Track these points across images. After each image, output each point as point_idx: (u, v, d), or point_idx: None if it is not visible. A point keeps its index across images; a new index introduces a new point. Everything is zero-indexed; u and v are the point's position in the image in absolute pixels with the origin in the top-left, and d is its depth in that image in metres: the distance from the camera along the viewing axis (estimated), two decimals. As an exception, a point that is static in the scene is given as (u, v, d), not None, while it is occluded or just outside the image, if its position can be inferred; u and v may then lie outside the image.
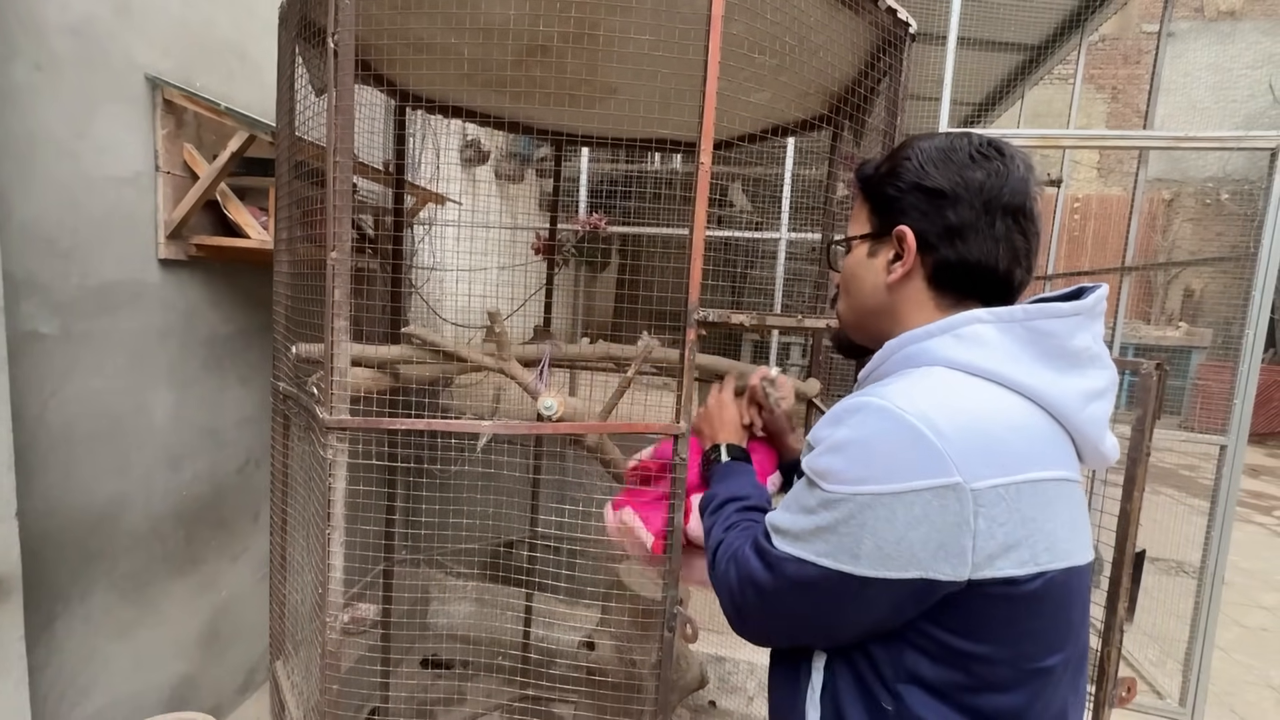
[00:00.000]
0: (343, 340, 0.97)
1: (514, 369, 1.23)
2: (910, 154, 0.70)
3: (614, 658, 1.56)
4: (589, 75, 1.55)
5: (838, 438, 0.63)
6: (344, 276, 0.96)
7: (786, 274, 2.83)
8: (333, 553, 1.00)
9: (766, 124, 1.84)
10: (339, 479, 0.99)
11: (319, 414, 1.00)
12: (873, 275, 0.73)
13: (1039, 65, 4.33)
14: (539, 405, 1.05)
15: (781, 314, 1.05)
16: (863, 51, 1.35)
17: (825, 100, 1.67)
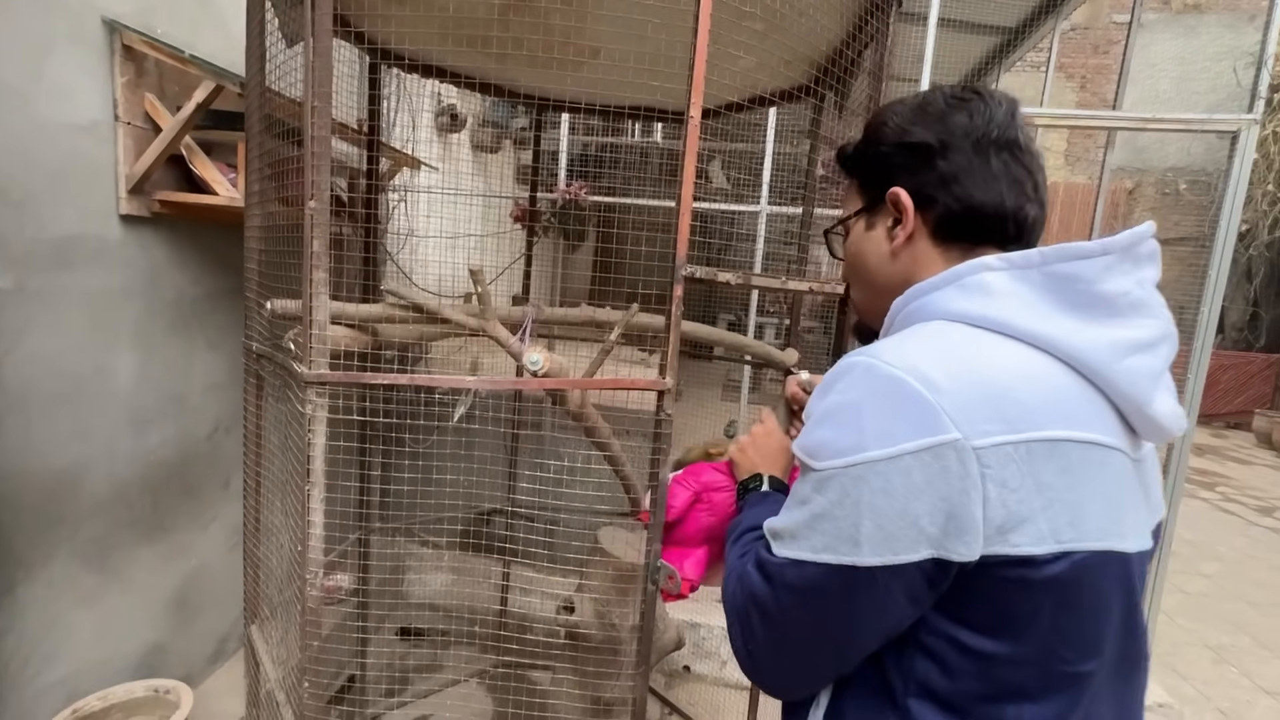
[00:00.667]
0: (321, 293, 0.95)
1: (496, 329, 1.22)
2: (886, 118, 0.67)
3: (593, 620, 1.58)
4: (574, 37, 1.52)
5: (826, 405, 0.57)
6: (323, 227, 0.94)
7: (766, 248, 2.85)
8: (312, 509, 0.99)
9: (750, 93, 1.83)
10: (319, 434, 0.98)
11: (297, 369, 0.98)
12: (875, 247, 0.68)
13: (1014, 49, 4.39)
14: (524, 360, 1.05)
15: (765, 274, 1.06)
16: (850, 15, 1.35)
17: (808, 70, 1.67)
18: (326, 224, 0.94)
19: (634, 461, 1.97)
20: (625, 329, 1.41)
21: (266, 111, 1.31)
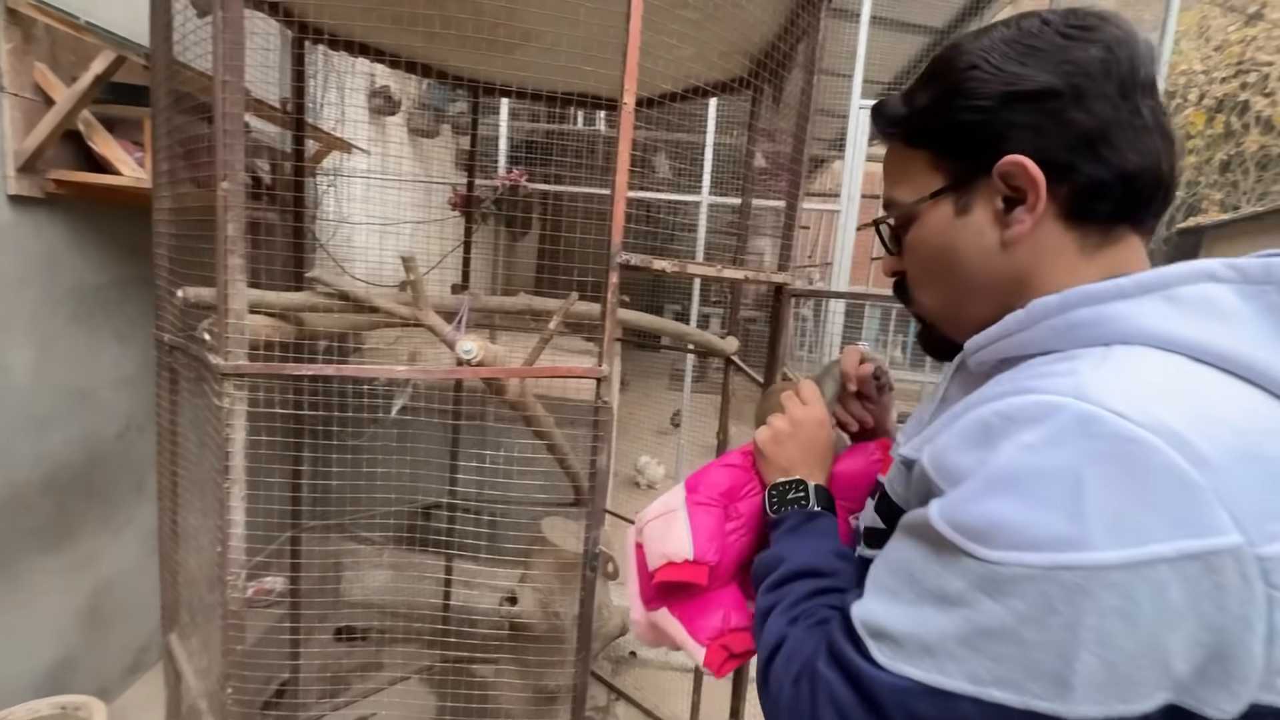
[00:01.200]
0: (237, 280, 0.90)
1: (430, 318, 1.19)
2: (974, 60, 0.49)
3: (537, 610, 1.58)
4: (507, 18, 1.49)
5: (1002, 465, 0.38)
6: (237, 210, 0.89)
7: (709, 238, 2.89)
8: (232, 508, 0.94)
9: (689, 83, 1.84)
10: (237, 429, 0.93)
11: (212, 361, 0.93)
12: (975, 239, 0.51)
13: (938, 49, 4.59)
14: (457, 349, 1.03)
15: (702, 262, 1.08)
16: (783, 8, 1.38)
17: (744, 63, 1.70)
18: (241, 207, 0.90)
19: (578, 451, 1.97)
20: (570, 318, 1.41)
21: (174, 86, 1.22)
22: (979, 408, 0.42)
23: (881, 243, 0.60)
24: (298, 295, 1.15)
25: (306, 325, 1.20)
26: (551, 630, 1.60)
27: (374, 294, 1.21)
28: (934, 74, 0.52)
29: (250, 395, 0.94)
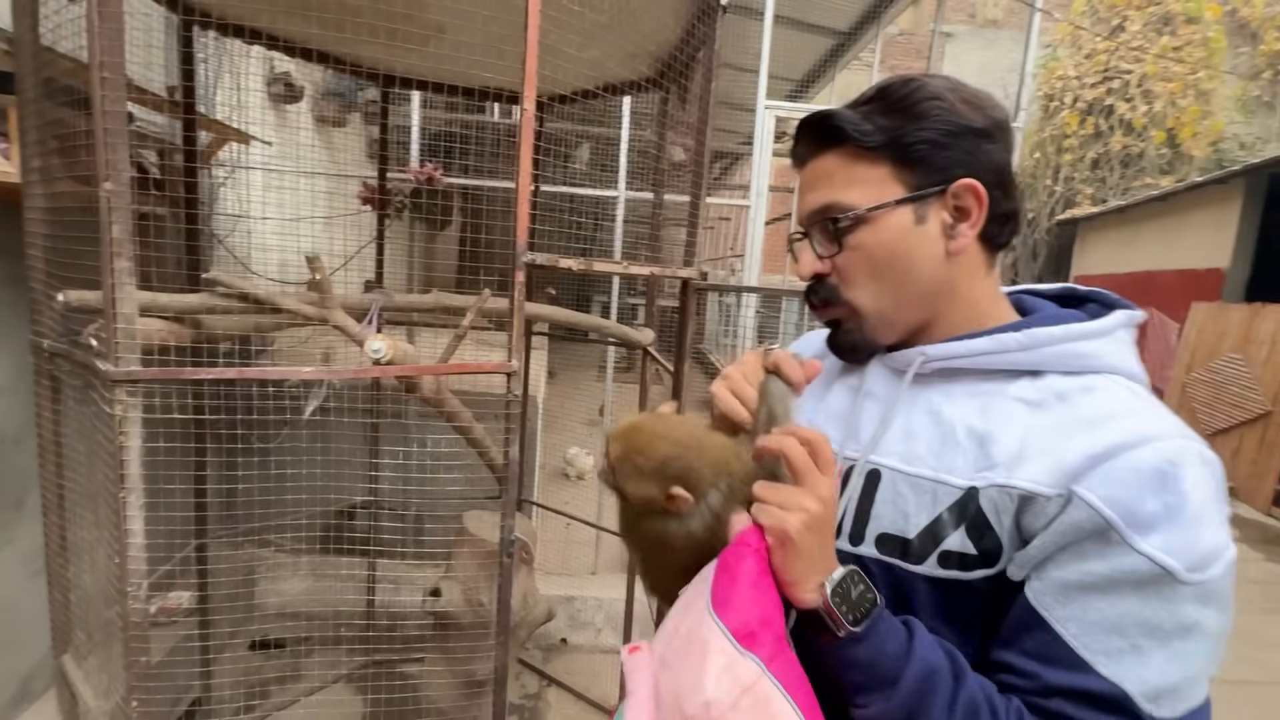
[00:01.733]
0: (125, 283, 0.88)
1: (339, 317, 1.18)
2: (936, 93, 0.57)
3: (461, 601, 1.60)
4: (414, 10, 1.48)
5: (1197, 503, 0.48)
6: (123, 211, 0.86)
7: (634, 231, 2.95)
8: (130, 518, 0.91)
9: (601, 80, 1.89)
10: (132, 436, 0.90)
11: (101, 368, 0.89)
12: (929, 247, 0.58)
13: (847, 50, 4.84)
14: (366, 348, 1.03)
15: (607, 259, 1.13)
16: (683, 18, 1.44)
17: (652, 63, 1.76)
18: (127, 208, 0.87)
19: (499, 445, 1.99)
20: (490, 314, 1.42)
21: (45, 75, 1.15)
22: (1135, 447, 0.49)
23: (811, 244, 0.62)
24: (193, 297, 1.12)
25: (205, 328, 1.16)
26: (477, 620, 1.63)
27: (277, 294, 1.19)
28: (897, 100, 0.58)
29: (146, 401, 0.91)
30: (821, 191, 0.61)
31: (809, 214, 0.62)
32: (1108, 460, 0.49)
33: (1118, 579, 0.48)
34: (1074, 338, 0.56)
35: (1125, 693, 0.47)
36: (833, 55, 4.94)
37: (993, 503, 0.53)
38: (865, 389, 0.63)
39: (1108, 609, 0.48)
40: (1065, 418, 0.53)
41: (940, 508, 0.55)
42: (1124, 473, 0.49)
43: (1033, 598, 0.51)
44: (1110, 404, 0.53)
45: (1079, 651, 0.48)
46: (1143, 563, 0.47)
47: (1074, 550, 0.50)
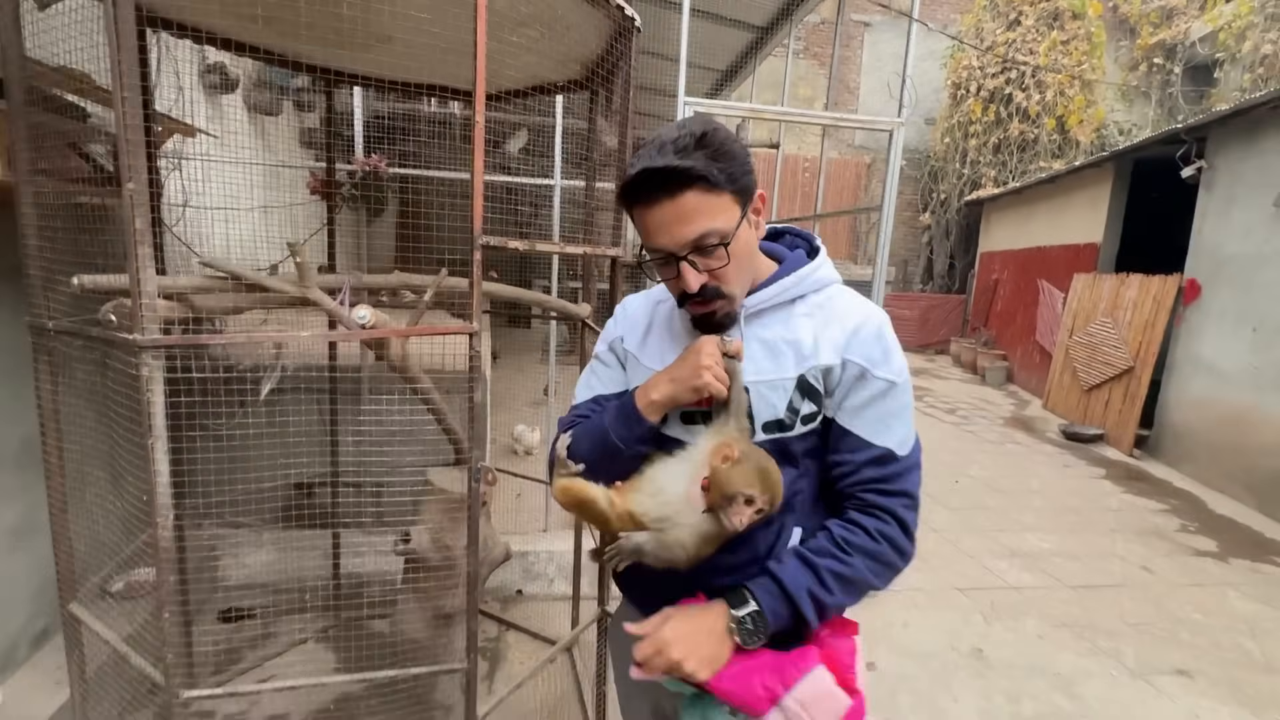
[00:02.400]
0: (148, 266, 1.06)
1: (317, 295, 1.38)
2: (731, 137, 0.85)
3: (430, 544, 1.83)
4: (364, 25, 1.65)
5: (889, 346, 0.91)
6: (144, 207, 1.05)
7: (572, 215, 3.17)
8: (157, 459, 1.11)
9: (538, 81, 2.10)
10: (157, 394, 1.09)
11: (128, 338, 1.08)
12: (752, 240, 0.92)
13: (765, 43, 5.17)
14: (353, 315, 1.24)
15: (548, 241, 1.37)
16: (605, 34, 1.69)
17: (581, 68, 1.99)
18: (147, 204, 1.05)
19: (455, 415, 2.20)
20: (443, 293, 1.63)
21: (31, 82, 1.28)
22: (861, 325, 0.92)
23: (692, 264, 0.87)
24: (195, 278, 1.29)
25: (197, 306, 1.34)
26: (444, 561, 1.86)
27: (263, 276, 1.37)
28: (716, 147, 0.83)
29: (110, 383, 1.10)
30: (696, 224, 0.84)
31: (688, 242, 0.85)
32: (854, 335, 0.92)
33: (874, 394, 0.90)
34: (813, 270, 0.96)
35: (889, 449, 0.90)
36: (752, 48, 5.26)
37: (812, 379, 0.91)
38: (743, 334, 0.97)
39: (871, 412, 0.90)
40: (827, 317, 0.94)
41: (789, 394, 0.90)
42: (863, 339, 0.91)
43: (839, 420, 0.92)
44: (843, 303, 0.95)
45: (865, 437, 0.90)
46: (882, 383, 0.90)
47: (853, 389, 0.91)
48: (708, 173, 0.82)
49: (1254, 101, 4.81)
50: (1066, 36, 10.88)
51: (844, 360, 0.90)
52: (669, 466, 0.88)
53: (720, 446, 0.83)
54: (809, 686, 0.81)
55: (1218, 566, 3.70)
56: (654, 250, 0.89)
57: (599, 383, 1.05)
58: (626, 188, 0.87)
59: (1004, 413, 7.47)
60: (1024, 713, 2.34)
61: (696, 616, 0.85)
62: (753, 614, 0.84)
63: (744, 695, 0.81)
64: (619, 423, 0.91)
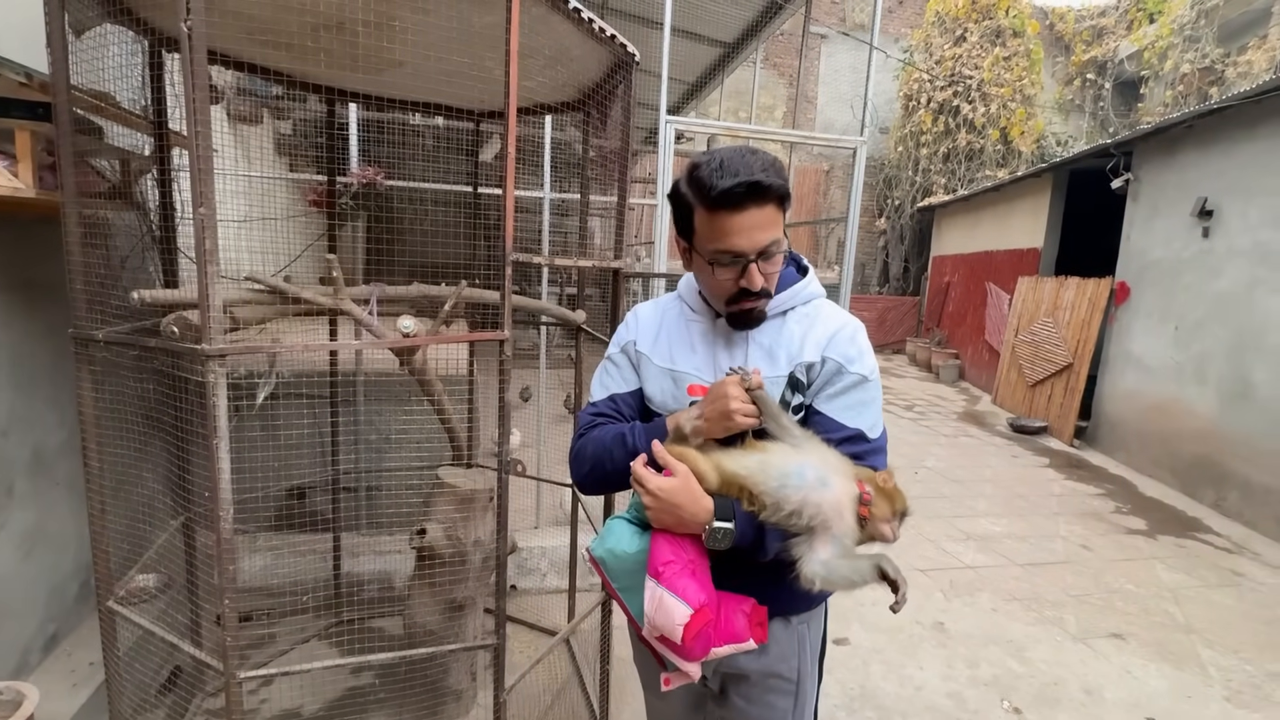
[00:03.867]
0: (215, 283, 1.17)
1: (349, 306, 1.49)
2: (780, 166, 0.98)
3: (443, 537, 1.95)
4: (384, 53, 1.77)
5: (863, 347, 1.06)
6: (213, 229, 1.16)
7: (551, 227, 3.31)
8: (220, 459, 1.22)
9: (538, 102, 2.25)
10: (221, 398, 1.20)
11: (197, 348, 1.18)
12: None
13: (733, 58, 5.41)
14: (399, 325, 1.36)
15: (562, 255, 1.52)
16: (605, 65, 1.85)
17: (578, 92, 2.15)
18: (215, 226, 1.17)
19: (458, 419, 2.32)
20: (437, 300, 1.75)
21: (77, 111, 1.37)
22: (839, 329, 1.07)
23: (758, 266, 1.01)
24: (235, 292, 1.39)
25: (238, 318, 1.44)
26: (456, 554, 1.98)
27: (300, 288, 1.48)
28: (784, 174, 0.99)
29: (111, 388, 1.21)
30: (769, 232, 0.99)
31: (762, 247, 0.99)
32: (833, 337, 1.07)
33: (848, 386, 1.05)
34: (804, 286, 1.11)
35: (861, 430, 1.03)
36: (721, 62, 5.50)
37: (799, 374, 1.06)
38: (716, 340, 1.12)
39: (845, 399, 1.05)
40: (812, 323, 1.09)
41: (782, 388, 1.06)
42: (840, 341, 1.06)
43: (818, 406, 1.06)
44: (826, 313, 1.11)
45: (839, 420, 1.04)
46: (855, 376, 1.05)
47: (830, 381, 1.06)
48: (785, 192, 0.99)
49: (1171, 121, 5.29)
50: (1008, 53, 11.54)
51: (824, 357, 1.05)
52: (783, 455, 0.97)
53: (885, 474, 0.96)
54: (671, 602, 0.92)
55: (1147, 543, 4.08)
56: (727, 251, 1.00)
57: (614, 382, 1.19)
58: (722, 194, 0.97)
59: (957, 408, 7.91)
60: (981, 676, 2.59)
61: (694, 499, 0.95)
62: (725, 530, 0.95)
63: (654, 557, 0.96)
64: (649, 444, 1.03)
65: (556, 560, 3.06)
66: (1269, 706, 2.49)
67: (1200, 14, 10.33)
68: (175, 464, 2.08)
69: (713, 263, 1.02)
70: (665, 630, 0.93)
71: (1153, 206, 5.69)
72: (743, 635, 0.98)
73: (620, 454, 1.06)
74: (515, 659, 2.59)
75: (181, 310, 1.31)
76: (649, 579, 0.95)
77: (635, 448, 1.05)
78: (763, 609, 1.01)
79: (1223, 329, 4.83)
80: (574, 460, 1.15)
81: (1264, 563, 3.87)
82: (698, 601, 0.92)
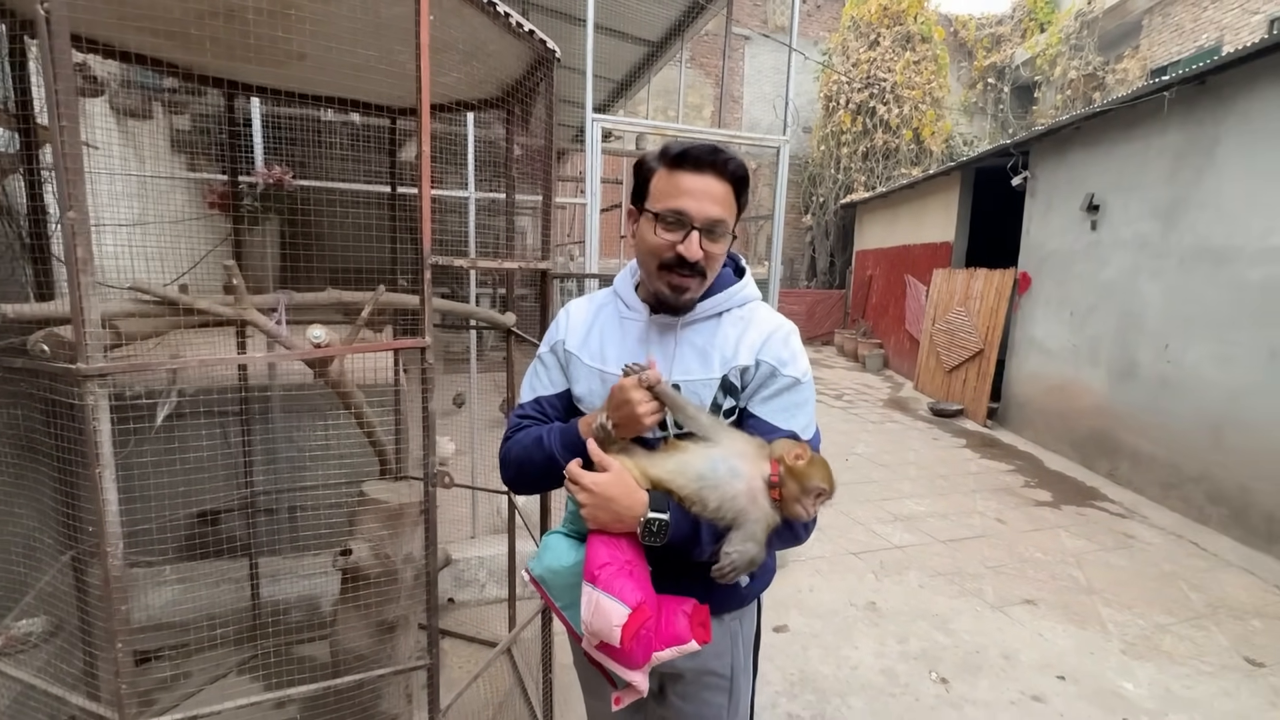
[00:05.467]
0: (91, 295, 1.06)
1: (254, 315, 1.39)
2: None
3: (370, 556, 1.85)
4: (281, 43, 1.66)
5: (796, 350, 1.06)
6: (85, 235, 1.05)
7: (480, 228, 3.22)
8: (106, 489, 1.10)
9: (457, 98, 2.17)
10: (103, 421, 1.09)
11: (71, 367, 1.07)
12: (725, 251, 1.05)
13: (659, 56, 5.44)
14: (309, 335, 1.27)
15: (486, 256, 1.48)
16: (525, 61, 1.81)
17: (499, 88, 2.09)
18: (88, 231, 1.05)
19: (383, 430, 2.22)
20: (352, 306, 1.66)
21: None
22: (773, 333, 1.07)
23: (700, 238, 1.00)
24: (123, 304, 1.27)
25: (124, 333, 1.31)
26: (385, 573, 1.89)
27: (195, 298, 1.36)
28: (740, 165, 1.01)
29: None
30: (722, 209, 1.01)
31: (708, 219, 1.00)
32: (767, 340, 1.07)
33: (781, 388, 1.06)
34: (740, 289, 1.11)
35: (793, 432, 1.04)
36: (647, 60, 5.52)
37: (733, 378, 1.05)
38: (649, 339, 1.10)
39: (779, 402, 1.05)
40: (747, 326, 1.09)
41: (714, 390, 1.06)
42: (774, 344, 1.07)
43: (752, 409, 1.06)
44: (761, 316, 1.11)
45: (773, 422, 1.04)
46: (789, 379, 1.05)
47: (764, 384, 1.06)
48: (744, 177, 1.03)
49: (1061, 123, 5.74)
50: (918, 57, 12.19)
51: (758, 360, 1.05)
52: (698, 453, 0.97)
53: (791, 447, 0.96)
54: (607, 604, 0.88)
55: (1053, 513, 4.42)
56: (677, 210, 1.00)
57: (540, 384, 1.17)
58: (689, 151, 1.00)
59: (882, 395, 8.30)
60: (911, 650, 2.72)
61: (629, 492, 0.94)
62: (661, 522, 0.93)
63: (590, 561, 0.93)
64: (568, 451, 1.03)
65: (495, 569, 2.99)
66: (1158, 655, 2.74)
67: (1083, 24, 11.26)
68: (60, 495, 1.88)
69: (659, 219, 1.01)
70: (603, 634, 0.89)
71: (1048, 202, 6.15)
72: (684, 637, 0.95)
73: (539, 456, 1.06)
74: (454, 675, 2.50)
75: (53, 326, 1.18)
76: (585, 584, 0.92)
77: (551, 450, 1.05)
78: (704, 608, 1.00)
79: (1111, 314, 5.28)
80: (501, 464, 1.14)
81: (1151, 525, 4.26)
82: (635, 600, 0.90)
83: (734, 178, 1.02)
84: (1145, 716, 2.36)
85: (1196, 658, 2.73)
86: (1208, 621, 3.04)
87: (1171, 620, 3.04)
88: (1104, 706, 2.41)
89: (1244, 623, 3.04)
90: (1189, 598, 3.27)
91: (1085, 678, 2.57)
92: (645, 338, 1.10)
